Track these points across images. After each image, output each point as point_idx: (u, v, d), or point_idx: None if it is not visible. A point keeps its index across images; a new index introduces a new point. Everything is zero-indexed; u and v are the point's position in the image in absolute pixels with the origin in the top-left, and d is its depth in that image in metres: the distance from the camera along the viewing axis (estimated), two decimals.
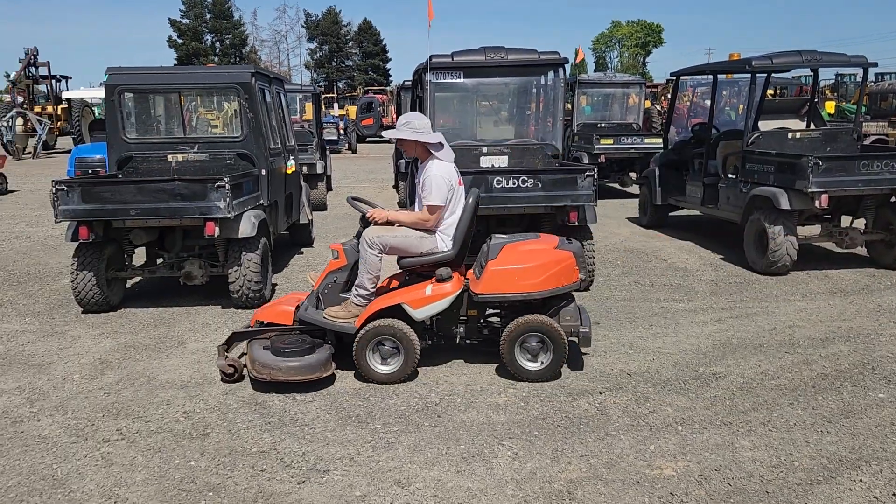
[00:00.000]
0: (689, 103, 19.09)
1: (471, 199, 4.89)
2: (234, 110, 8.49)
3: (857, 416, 4.12)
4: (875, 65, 8.36)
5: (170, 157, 6.94)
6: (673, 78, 10.82)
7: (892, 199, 7.60)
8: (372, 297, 4.81)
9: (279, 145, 7.79)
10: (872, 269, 7.74)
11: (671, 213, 10.35)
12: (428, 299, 4.66)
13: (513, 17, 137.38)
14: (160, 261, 6.92)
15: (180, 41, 71.23)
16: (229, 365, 4.67)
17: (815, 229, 7.98)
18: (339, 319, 4.76)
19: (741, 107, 16.29)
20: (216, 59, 70.36)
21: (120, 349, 5.45)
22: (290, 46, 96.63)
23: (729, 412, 4.20)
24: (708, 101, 11.68)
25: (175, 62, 67.30)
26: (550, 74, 7.49)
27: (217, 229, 5.99)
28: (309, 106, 16.70)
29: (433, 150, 4.83)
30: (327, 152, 13.04)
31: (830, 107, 25.73)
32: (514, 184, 6.41)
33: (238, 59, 71.38)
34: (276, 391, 4.53)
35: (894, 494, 3.31)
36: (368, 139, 31.87)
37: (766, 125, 8.88)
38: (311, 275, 5.28)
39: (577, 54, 21.66)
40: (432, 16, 7.53)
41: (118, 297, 6.58)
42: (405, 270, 4.97)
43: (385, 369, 4.66)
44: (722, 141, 9.12)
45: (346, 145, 27.68)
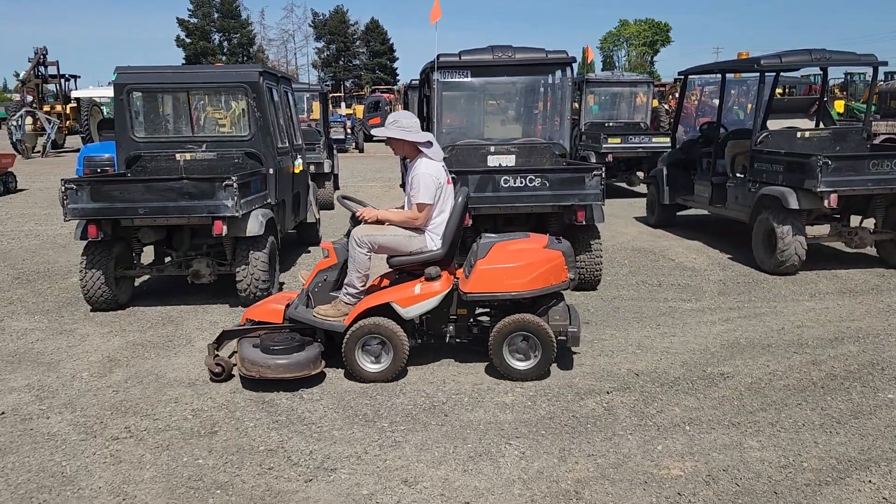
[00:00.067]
0: (697, 102, 19.02)
1: (460, 198, 4.89)
2: (242, 109, 8.50)
3: (867, 417, 4.10)
4: (885, 63, 8.32)
5: (178, 156, 6.96)
6: (681, 77, 10.79)
7: None
8: (361, 296, 4.82)
9: (287, 144, 7.81)
10: (882, 269, 7.70)
11: (679, 213, 10.32)
12: (417, 298, 4.67)
13: (520, 17, 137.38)
14: (168, 259, 6.94)
15: (188, 40, 71.44)
16: (217, 363, 4.69)
17: (824, 229, 7.94)
18: (329, 318, 4.78)
19: (749, 106, 16.22)
20: (224, 58, 70.55)
21: (128, 347, 5.47)
22: (298, 45, 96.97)
23: (737, 412, 4.18)
24: (716, 101, 11.66)
25: (183, 61, 67.54)
26: (558, 73, 7.47)
27: (225, 228, 6.01)
28: (316, 105, 16.69)
29: (422, 149, 4.83)
30: (334, 151, 13.05)
31: (840, 106, 25.59)
32: (521, 183, 6.40)
33: (246, 58, 71.56)
34: (283, 389, 4.55)
35: None
36: (375, 138, 31.86)
37: (774, 124, 8.84)
38: (302, 273, 5.30)
39: (587, 55, 21.57)
40: (440, 15, 7.53)
41: (127, 295, 6.61)
42: (395, 269, 4.99)
43: (374, 368, 4.66)
44: (730, 140, 9.09)
45: (354, 144, 27.71)
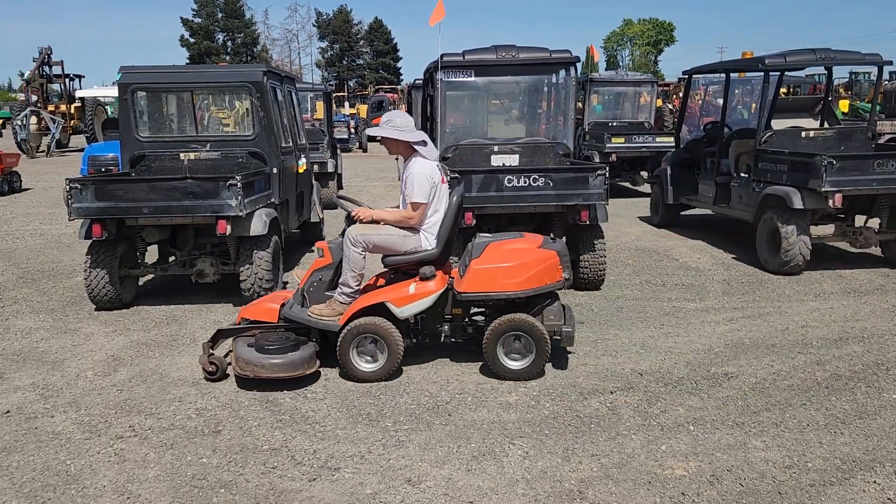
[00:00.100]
0: (701, 102, 18.98)
1: (455, 197, 4.89)
2: (246, 109, 8.51)
3: (871, 417, 4.09)
4: (890, 63, 8.29)
5: (182, 156, 6.97)
6: (685, 76, 10.77)
7: None
8: (356, 295, 4.82)
9: (290, 144, 7.81)
10: (887, 269, 7.68)
11: (683, 213, 10.30)
12: (411, 297, 4.67)
13: (523, 17, 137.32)
14: (172, 259, 6.96)
15: (192, 40, 71.57)
16: (210, 362, 4.70)
17: (828, 229, 7.93)
18: (324, 317, 4.78)
19: (754, 105, 16.17)
20: (228, 58, 70.65)
21: (132, 346, 5.48)
22: (302, 45, 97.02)
23: (741, 412, 4.18)
24: (720, 100, 11.62)
25: (187, 61, 67.65)
26: (562, 73, 7.46)
27: (229, 227, 6.01)
28: (320, 104, 16.71)
29: (416, 148, 4.83)
30: (338, 151, 13.06)
31: (844, 105, 25.50)
32: (525, 182, 6.40)
33: (249, 57, 71.65)
34: (287, 389, 4.55)
35: None
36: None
37: (779, 124, 8.82)
38: (296, 272, 5.30)
39: (592, 54, 21.48)
40: (443, 15, 7.51)
41: (131, 294, 6.62)
42: (390, 269, 4.99)
43: (368, 367, 4.67)
44: (734, 140, 9.07)
45: (357, 144, 27.72)
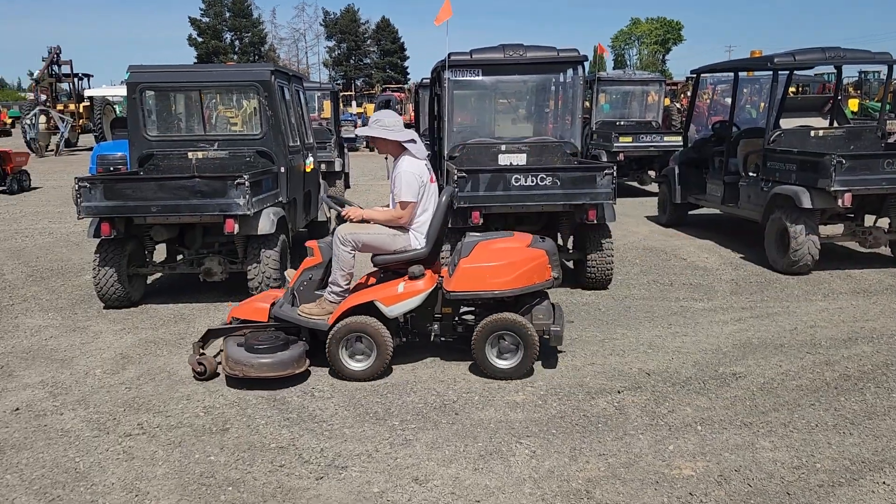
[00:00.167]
0: (709, 101, 18.91)
1: (444, 197, 4.90)
2: (254, 108, 8.53)
3: (881, 418, 4.07)
4: None
5: (190, 155, 6.99)
6: (693, 75, 10.73)
7: None
8: (346, 294, 4.83)
9: (298, 143, 7.82)
10: None
11: (691, 212, 10.27)
12: (400, 297, 4.68)
13: (531, 16, 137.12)
14: (180, 257, 6.98)
15: (200, 40, 71.76)
16: (199, 363, 4.71)
17: (837, 228, 7.88)
18: (313, 316, 4.79)
19: (762, 105, 16.10)
20: (235, 57, 70.81)
21: (141, 345, 5.50)
22: (309, 44, 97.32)
23: (749, 412, 4.16)
24: (728, 99, 11.59)
25: (195, 60, 67.83)
26: (569, 72, 7.44)
27: (236, 226, 6.03)
28: (327, 104, 16.72)
29: (406, 147, 4.84)
30: (345, 150, 13.06)
31: (854, 105, 25.37)
32: (532, 182, 6.39)
33: (257, 57, 71.80)
34: (294, 387, 4.57)
35: None
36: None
37: (787, 123, 8.78)
38: (288, 272, 5.31)
39: (601, 51, 21.43)
40: (449, 14, 7.50)
41: (139, 293, 6.65)
42: (379, 268, 5.00)
43: (357, 366, 4.67)
44: (743, 139, 9.03)
45: (364, 143, 27.73)
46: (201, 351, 4.78)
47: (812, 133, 8.43)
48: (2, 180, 14.96)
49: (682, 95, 28.73)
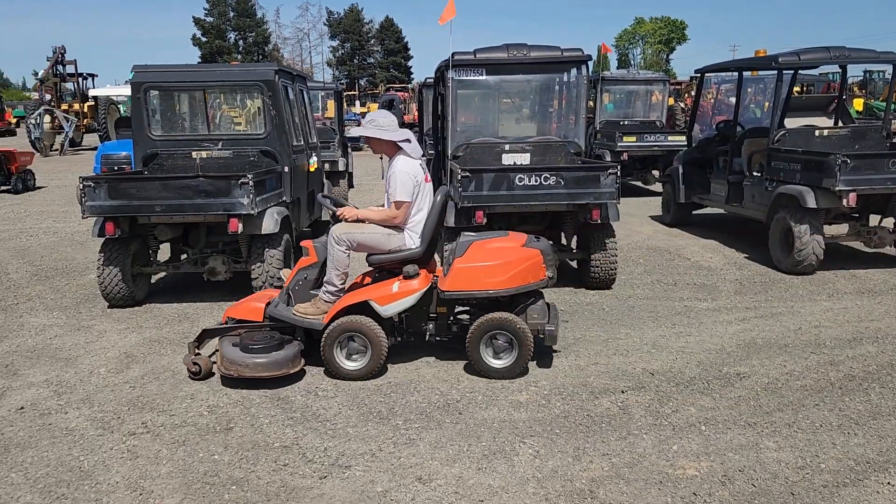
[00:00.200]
0: (713, 101, 18.87)
1: (439, 196, 4.90)
2: (258, 108, 8.54)
3: (885, 418, 4.06)
4: None
5: (194, 154, 7.00)
6: (697, 75, 10.71)
7: None
8: (341, 294, 4.83)
9: (302, 142, 7.83)
10: None
11: (695, 212, 10.25)
12: (395, 296, 4.68)
13: (535, 16, 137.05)
14: (184, 257, 7.00)
15: (204, 39, 71.92)
16: (194, 363, 4.71)
17: (842, 228, 7.86)
18: (308, 316, 4.80)
19: (766, 104, 16.08)
20: (239, 56, 70.93)
21: (145, 344, 5.52)
22: (313, 44, 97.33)
23: (753, 413, 4.15)
24: (733, 99, 11.57)
25: (199, 60, 67.98)
26: (573, 71, 7.44)
27: (240, 226, 6.04)
28: (331, 103, 16.73)
29: (401, 146, 4.85)
30: (349, 149, 13.08)
31: (859, 104, 25.29)
32: (536, 181, 6.38)
33: (261, 56, 71.91)
34: (298, 386, 4.57)
35: None
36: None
37: (792, 123, 8.76)
38: (283, 271, 5.32)
39: (605, 52, 21.37)
40: (453, 14, 7.50)
41: (143, 292, 6.66)
42: (374, 267, 5.00)
43: (352, 366, 4.67)
44: (747, 138, 9.01)
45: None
46: (196, 351, 4.78)
47: (817, 132, 8.41)
48: (7, 180, 15.02)
49: (687, 95, 28.70)
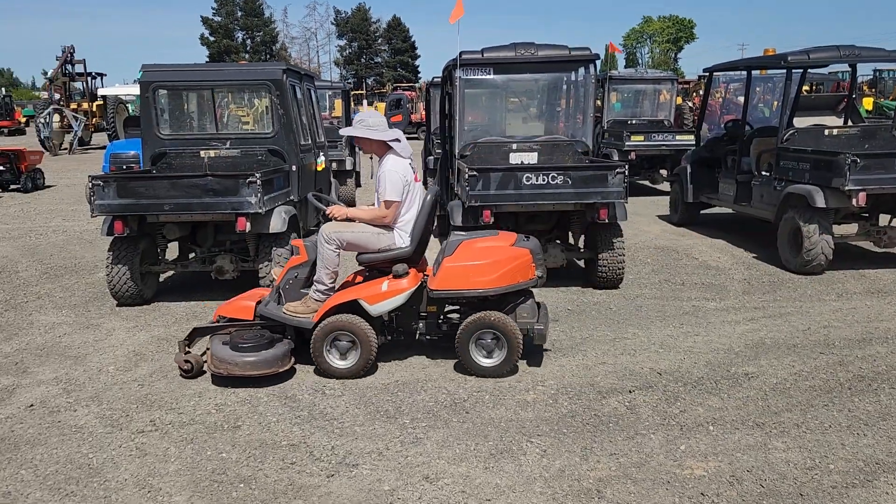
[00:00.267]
0: (721, 100, 18.81)
1: (428, 196, 4.91)
2: (266, 107, 8.56)
3: (895, 419, 4.03)
4: None
5: (202, 153, 7.03)
6: (706, 74, 10.67)
7: None
8: (331, 293, 4.84)
9: (309, 142, 7.84)
10: None
11: (703, 211, 10.21)
12: (384, 295, 4.69)
13: (542, 15, 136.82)
14: (192, 255, 7.02)
15: (212, 39, 72.12)
16: (185, 361, 4.73)
17: (851, 228, 7.82)
18: (298, 314, 4.81)
19: (775, 103, 15.99)
20: (247, 56, 71.10)
21: (153, 342, 5.54)
22: (320, 43, 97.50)
23: (762, 413, 4.14)
24: (741, 98, 11.51)
25: (207, 59, 68.15)
26: (581, 71, 7.42)
27: (248, 224, 6.05)
28: (338, 102, 16.74)
29: (390, 146, 4.86)
30: (356, 149, 13.08)
31: (868, 103, 25.18)
32: (543, 180, 6.37)
33: (269, 56, 72.04)
34: (305, 385, 4.58)
35: None
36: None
37: (801, 122, 8.71)
38: (274, 270, 5.33)
39: (612, 51, 21.35)
40: (462, 13, 7.50)
41: (152, 290, 6.69)
42: (365, 266, 5.01)
43: (342, 364, 4.68)
44: (756, 138, 8.97)
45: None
46: (187, 349, 4.80)
47: (826, 132, 8.36)
48: (16, 178, 15.11)
49: (695, 94, 28.60)
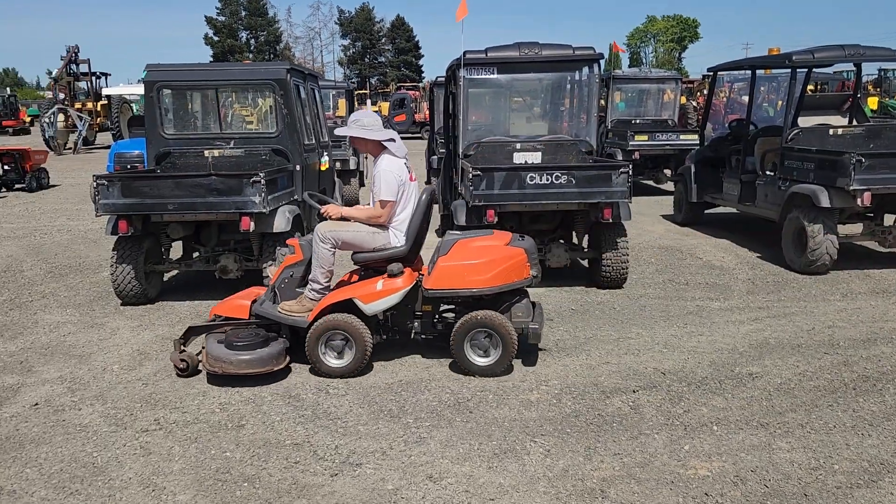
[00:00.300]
0: (726, 99, 18.77)
1: (423, 195, 4.91)
2: (270, 106, 8.57)
3: None
4: None
5: (206, 153, 7.04)
6: (710, 73, 10.65)
7: None
8: (326, 292, 4.85)
9: (313, 141, 7.85)
10: None
11: (707, 211, 10.20)
12: (379, 294, 4.69)
13: (546, 14, 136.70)
14: (196, 255, 7.03)
15: (216, 38, 72.22)
16: (181, 359, 4.74)
17: (856, 228, 7.80)
18: (293, 313, 4.82)
19: (780, 103, 15.97)
20: (251, 55, 71.19)
21: (157, 341, 5.55)
22: (324, 43, 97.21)
23: (766, 413, 4.13)
24: (745, 97, 11.50)
25: (211, 59, 68.27)
26: (585, 70, 7.41)
27: (252, 224, 6.06)
28: (342, 102, 16.77)
29: (385, 146, 4.87)
30: None
31: (873, 103, 25.12)
32: (547, 180, 6.37)
33: (272, 55, 72.13)
34: (309, 384, 4.59)
35: None
36: (401, 135, 31.96)
37: (805, 121, 8.70)
38: (269, 269, 5.33)
39: (616, 51, 21.35)
40: (466, 12, 7.50)
41: (156, 290, 6.70)
42: (360, 266, 5.01)
43: (337, 363, 4.69)
44: (760, 137, 8.95)
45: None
46: (182, 348, 4.81)
47: (831, 131, 8.34)
48: (21, 178, 15.16)
49: (699, 93, 28.57)
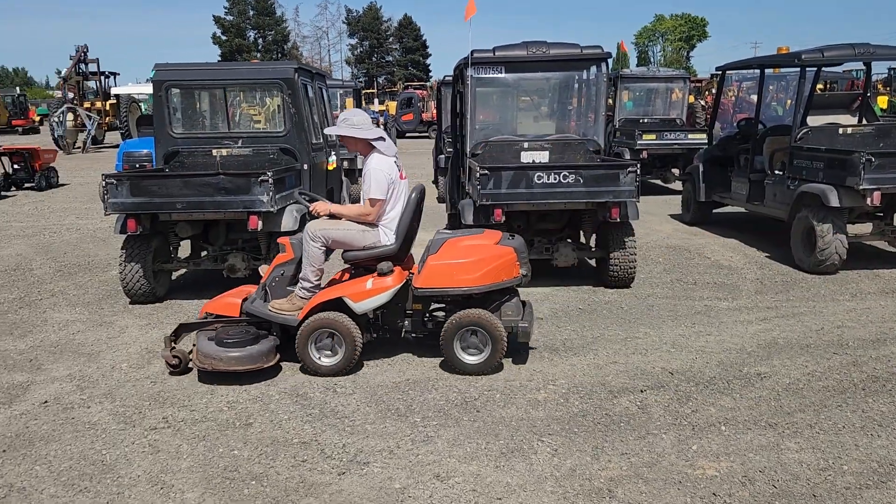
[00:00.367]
0: (734, 98, 18.69)
1: (413, 194, 4.92)
2: (277, 106, 8.59)
3: None
4: None
5: (214, 152, 7.06)
6: (718, 72, 10.61)
7: None
8: (316, 290, 4.86)
9: (321, 140, 7.87)
10: None
11: (715, 210, 10.16)
12: (369, 293, 4.70)
13: (553, 13, 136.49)
14: (204, 254, 7.05)
15: (224, 38, 72.44)
16: (174, 356, 4.76)
17: (865, 227, 7.76)
18: (283, 312, 4.83)
19: (788, 102, 15.88)
20: (259, 55, 71.37)
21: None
22: (332, 42, 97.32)
23: (774, 413, 4.11)
24: (754, 96, 11.44)
25: (219, 58, 68.49)
26: (593, 69, 7.39)
27: (260, 223, 6.08)
28: (350, 101, 16.80)
29: (374, 145, 4.87)
30: None
31: (883, 102, 24.97)
32: (555, 179, 6.36)
33: (280, 55, 72.30)
34: (317, 383, 4.60)
35: None
36: (408, 134, 32.00)
37: (815, 120, 8.65)
38: (262, 267, 5.34)
39: (623, 51, 21.31)
40: (474, 11, 7.50)
41: (164, 288, 6.73)
42: (350, 264, 5.02)
43: (327, 362, 4.70)
44: (769, 136, 8.92)
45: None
46: (173, 345, 4.83)
47: (840, 130, 8.29)
48: (30, 177, 15.23)
49: (707, 92, 28.44)
